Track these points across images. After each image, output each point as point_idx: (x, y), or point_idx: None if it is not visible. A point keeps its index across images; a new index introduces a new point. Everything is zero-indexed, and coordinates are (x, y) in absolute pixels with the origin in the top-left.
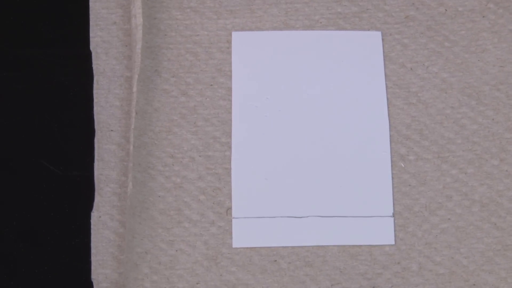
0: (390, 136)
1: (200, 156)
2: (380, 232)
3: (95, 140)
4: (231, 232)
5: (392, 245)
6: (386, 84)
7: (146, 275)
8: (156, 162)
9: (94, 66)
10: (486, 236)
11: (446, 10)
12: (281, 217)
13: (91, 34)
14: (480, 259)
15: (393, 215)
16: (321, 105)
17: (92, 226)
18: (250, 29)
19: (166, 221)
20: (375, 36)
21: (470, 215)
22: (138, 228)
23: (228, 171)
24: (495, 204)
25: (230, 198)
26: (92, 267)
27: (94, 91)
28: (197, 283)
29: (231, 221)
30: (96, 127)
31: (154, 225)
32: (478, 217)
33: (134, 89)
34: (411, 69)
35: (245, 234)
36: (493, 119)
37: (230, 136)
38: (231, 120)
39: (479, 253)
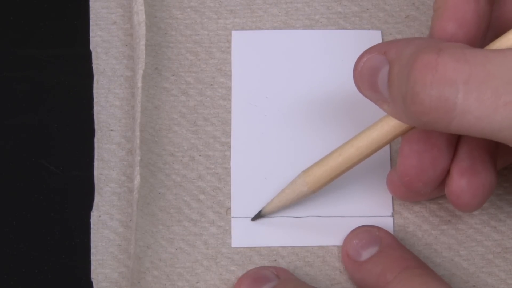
0: None
1: (200, 155)
2: None
3: (95, 139)
4: (231, 232)
5: None
6: None
7: (148, 269)
8: (156, 159)
9: (94, 66)
10: (486, 239)
11: None
12: (280, 217)
13: (91, 34)
14: (480, 261)
15: (393, 215)
16: (321, 105)
17: (92, 226)
18: (251, 29)
19: (166, 219)
20: (375, 35)
21: (470, 217)
22: (140, 221)
23: (228, 171)
24: (495, 208)
25: (229, 198)
26: (92, 267)
27: (94, 91)
28: (197, 282)
29: (231, 220)
30: (96, 126)
31: (155, 221)
32: (478, 220)
33: (139, 85)
34: None
35: (244, 234)
36: None
37: (230, 136)
38: (231, 119)
39: (479, 255)
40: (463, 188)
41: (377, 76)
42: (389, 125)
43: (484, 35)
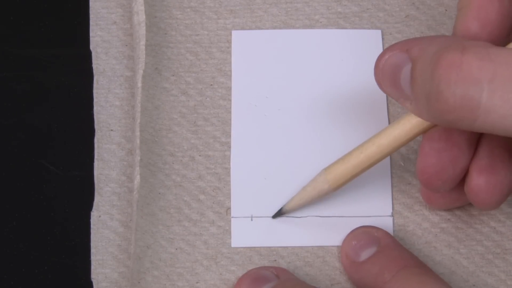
0: None
1: (200, 155)
2: None
3: (95, 139)
4: (231, 232)
5: None
6: None
7: (148, 269)
8: (156, 159)
9: (94, 66)
10: (485, 238)
11: (446, 10)
12: (280, 217)
13: (91, 34)
14: (480, 261)
15: (392, 215)
16: (321, 104)
17: (92, 226)
18: (251, 29)
19: (166, 219)
20: (375, 35)
21: (470, 217)
22: (140, 221)
23: (227, 171)
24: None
25: (229, 198)
26: (92, 267)
27: (94, 91)
28: (197, 282)
29: (231, 220)
30: (96, 126)
31: (154, 221)
32: (478, 220)
33: (139, 85)
34: None
35: (244, 234)
36: None
37: (230, 136)
38: (231, 119)
39: (479, 254)
40: (481, 186)
41: (399, 73)
42: (411, 123)
43: (507, 35)
